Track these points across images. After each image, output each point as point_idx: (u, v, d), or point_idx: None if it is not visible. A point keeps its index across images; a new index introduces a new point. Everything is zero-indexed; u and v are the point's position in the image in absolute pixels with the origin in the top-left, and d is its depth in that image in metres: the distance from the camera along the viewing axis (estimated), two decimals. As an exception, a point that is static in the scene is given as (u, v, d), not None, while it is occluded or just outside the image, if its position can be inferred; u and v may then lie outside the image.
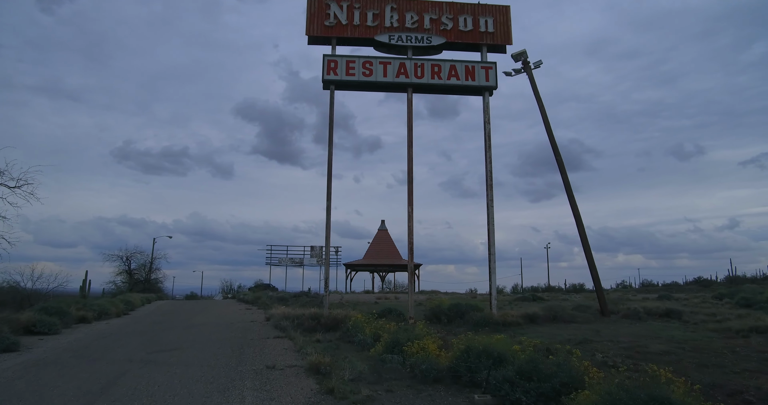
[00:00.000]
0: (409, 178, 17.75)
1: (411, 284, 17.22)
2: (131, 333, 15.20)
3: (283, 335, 13.48)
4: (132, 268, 47.05)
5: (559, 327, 15.60)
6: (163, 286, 63.69)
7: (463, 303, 16.91)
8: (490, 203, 17.80)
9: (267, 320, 17.67)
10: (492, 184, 17.98)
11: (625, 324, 16.02)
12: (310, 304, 23.38)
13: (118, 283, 45.07)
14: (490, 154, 18.18)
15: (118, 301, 25.11)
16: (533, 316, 16.35)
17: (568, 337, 13.23)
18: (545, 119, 19.51)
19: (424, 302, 28.09)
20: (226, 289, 67.22)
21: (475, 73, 18.41)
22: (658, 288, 55.63)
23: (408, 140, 18.05)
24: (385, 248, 49.36)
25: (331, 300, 27.26)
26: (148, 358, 10.34)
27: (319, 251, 65.17)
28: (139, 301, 29.68)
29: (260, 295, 30.91)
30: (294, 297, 28.03)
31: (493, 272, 17.40)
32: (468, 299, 20.24)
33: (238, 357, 10.37)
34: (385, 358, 9.17)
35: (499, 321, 15.46)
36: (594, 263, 18.12)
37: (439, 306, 17.11)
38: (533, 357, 6.89)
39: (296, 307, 20.80)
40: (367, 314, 15.15)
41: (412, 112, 18.25)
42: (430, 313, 16.94)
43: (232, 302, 35.14)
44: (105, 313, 21.37)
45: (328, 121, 18.07)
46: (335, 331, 14.09)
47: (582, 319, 16.78)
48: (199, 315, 21.87)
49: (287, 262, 62.80)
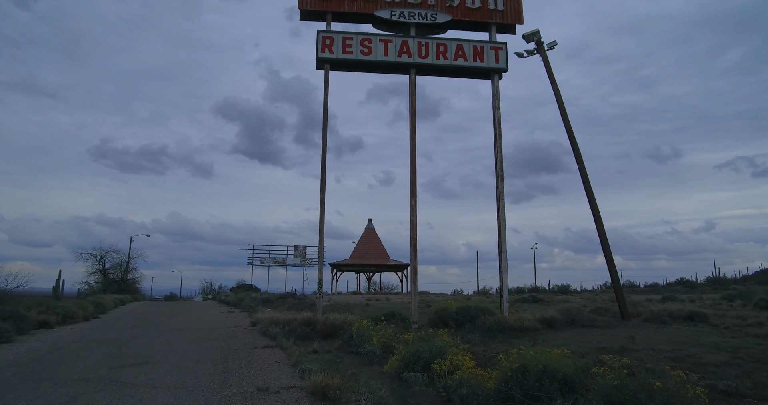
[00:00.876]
0: (412, 168, 15.90)
1: (414, 285, 15.36)
2: (96, 341, 13.05)
3: (273, 344, 11.49)
4: (106, 268, 44.27)
5: (581, 332, 13.90)
6: (140, 287, 60.86)
7: (472, 306, 15.10)
8: (501, 196, 16.05)
9: (252, 325, 15.63)
10: (502, 175, 16.23)
11: (651, 328, 14.40)
12: (298, 306, 21.35)
13: (92, 283, 42.24)
14: (500, 142, 16.43)
15: (87, 303, 22.75)
16: (550, 320, 14.63)
17: (601, 345, 11.53)
18: (561, 105, 17.84)
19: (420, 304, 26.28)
20: (207, 289, 64.54)
21: (484, 53, 16.65)
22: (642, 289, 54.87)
23: (411, 126, 16.20)
24: (372, 248, 47.43)
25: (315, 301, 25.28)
26: (110, 377, 8.28)
27: (303, 251, 62.96)
28: (111, 302, 27.27)
29: (243, 297, 28.74)
30: (279, 298, 25.96)
31: (505, 271, 15.65)
32: (477, 301, 18.43)
33: (221, 375, 8.37)
34: (407, 378, 7.29)
35: (515, 326, 13.71)
36: (614, 262, 16.50)
37: (445, 309, 15.27)
38: (624, 383, 5.07)
39: (284, 310, 18.80)
40: (368, 319, 13.26)
41: (415, 95, 16.41)
42: (435, 317, 15.09)
43: (212, 304, 32.87)
44: (71, 316, 19.07)
45: (323, 104, 16.15)
46: (333, 339, 12.16)
47: (602, 323, 15.12)
48: (177, 318, 19.69)
49: (270, 262, 60.44)
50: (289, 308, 20.68)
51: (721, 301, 23.04)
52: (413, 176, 15.80)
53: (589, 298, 30.58)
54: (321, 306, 14.82)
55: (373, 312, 18.45)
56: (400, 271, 48.07)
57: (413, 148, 15.98)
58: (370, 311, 18.87)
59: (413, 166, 15.86)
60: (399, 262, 47.47)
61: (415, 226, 15.53)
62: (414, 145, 16.02)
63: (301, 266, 61.28)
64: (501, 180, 16.16)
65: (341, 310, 16.79)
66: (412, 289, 15.34)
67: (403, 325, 13.62)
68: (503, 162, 16.33)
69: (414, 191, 15.70)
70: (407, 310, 20.14)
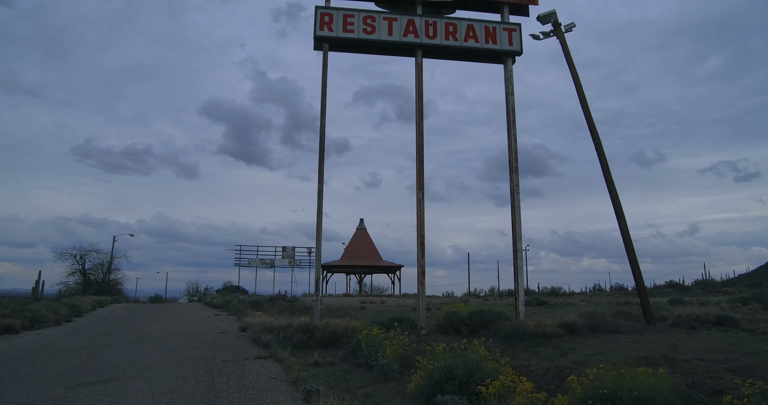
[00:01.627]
0: (419, 157, 14.36)
1: (421, 287, 13.78)
2: (61, 350, 11.28)
3: (267, 354, 9.85)
4: (87, 268, 42.01)
5: (608, 339, 12.46)
6: (123, 288, 58.56)
7: (486, 309, 13.57)
8: (516, 189, 14.57)
9: (242, 331, 13.94)
10: (517, 166, 14.75)
11: (682, 335, 13.01)
12: (290, 309, 19.67)
13: (70, 284, 40.01)
14: (514, 130, 14.96)
15: (60, 306, 20.84)
16: (572, 326, 13.18)
17: (641, 354, 10.10)
18: (579, 90, 16.44)
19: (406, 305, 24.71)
20: (192, 291, 62.40)
21: (496, 35, 15.19)
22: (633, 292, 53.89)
23: (417, 112, 14.67)
24: (363, 248, 45.75)
25: (308, 304, 23.57)
26: (64, 399, 6.60)
27: (291, 252, 61.08)
28: (88, 304, 25.30)
29: (230, 299, 26.93)
30: (269, 301, 24.23)
31: (520, 272, 14.15)
32: (490, 305, 16.85)
33: (204, 395, 6.73)
34: (442, 403, 5.72)
35: (536, 332, 12.23)
36: (638, 263, 15.08)
37: (456, 313, 13.73)
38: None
39: (275, 314, 17.12)
40: (371, 324, 11.66)
41: (422, 79, 14.88)
42: (445, 322, 13.55)
43: (197, 306, 31.00)
44: (41, 320, 17.22)
45: (321, 87, 14.55)
46: (335, 348, 10.55)
47: (628, 328, 13.70)
48: (158, 323, 17.90)
49: (257, 263, 58.53)
50: (281, 312, 18.99)
51: (734, 303, 21.81)
52: (420, 166, 14.26)
53: (593, 301, 29.26)
54: (319, 310, 13.18)
55: (372, 316, 16.86)
56: (393, 272, 46.48)
57: (420, 136, 14.45)
58: (368, 315, 17.28)
59: (420, 156, 14.32)
60: (391, 264, 45.89)
61: (423, 221, 13.99)
62: (421, 132, 14.49)
63: (290, 268, 59.52)
64: (515, 172, 14.68)
65: (339, 314, 15.17)
66: (419, 291, 13.77)
67: (411, 331, 12.03)
68: (517, 152, 14.84)
69: (421, 183, 14.17)
70: (410, 313, 18.55)
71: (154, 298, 61.47)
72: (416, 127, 14.56)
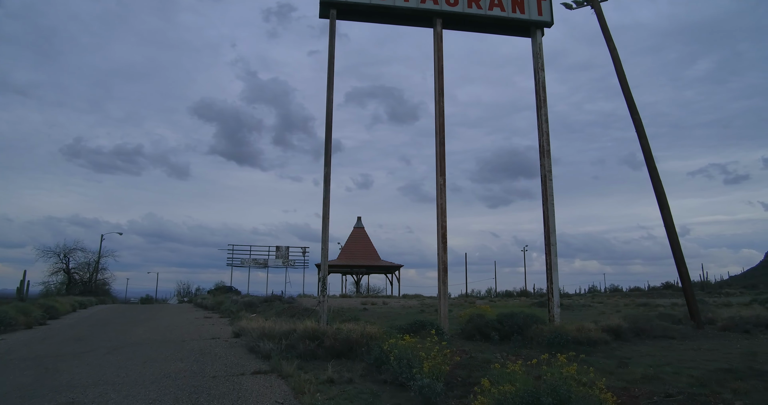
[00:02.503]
0: (440, 138, 12.53)
1: (443, 286, 11.91)
2: (19, 361, 9.30)
3: (268, 369, 7.94)
4: (71, 267, 39.69)
5: (661, 345, 10.70)
6: (111, 289, 56.20)
7: (518, 312, 11.75)
8: (548, 175, 12.79)
9: (235, 337, 12.01)
10: (549, 151, 12.97)
11: (740, 339, 11.30)
12: (288, 311, 17.75)
13: (52, 283, 37.71)
14: (545, 110, 13.18)
15: (35, 307, 18.76)
16: (617, 330, 11.41)
17: (718, 365, 8.33)
18: (618, 66, 14.73)
19: (426, 309, 22.85)
20: (183, 292, 60.16)
21: (524, 3, 13.42)
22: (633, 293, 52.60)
23: (437, 88, 12.85)
24: (361, 248, 43.82)
25: (307, 306, 21.64)
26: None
27: (285, 252, 58.99)
28: (68, 305, 23.17)
29: (222, 300, 24.91)
30: (264, 302, 22.25)
31: (554, 269, 12.36)
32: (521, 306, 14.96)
33: (187, 434, 4.82)
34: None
35: (580, 338, 10.44)
36: (684, 260, 13.32)
37: (482, 316, 11.90)
38: None
39: (273, 317, 15.21)
40: (391, 330, 9.82)
41: (442, 51, 13.07)
42: (470, 326, 11.71)
43: (187, 307, 28.92)
44: (9, 323, 15.17)
45: (328, 60, 12.68)
46: (349, 359, 8.68)
47: (677, 332, 11.95)
48: (141, 326, 15.90)
49: (250, 263, 56.41)
50: (279, 314, 17.07)
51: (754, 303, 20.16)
52: (441, 149, 12.43)
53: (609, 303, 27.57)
54: (325, 313, 11.28)
55: (379, 318, 15.02)
56: (392, 272, 44.56)
57: (440, 115, 12.62)
58: (373, 317, 15.41)
59: (440, 136, 12.49)
60: (390, 264, 43.99)
61: (444, 210, 12.15)
62: (441, 111, 12.66)
63: (284, 268, 57.46)
64: (547, 156, 12.90)
65: (347, 317, 13.28)
66: (440, 291, 11.91)
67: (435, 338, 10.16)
68: (549, 134, 13.05)
69: (442, 167, 12.34)
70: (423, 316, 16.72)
71: (145, 298, 59.13)
72: (436, 106, 12.75)
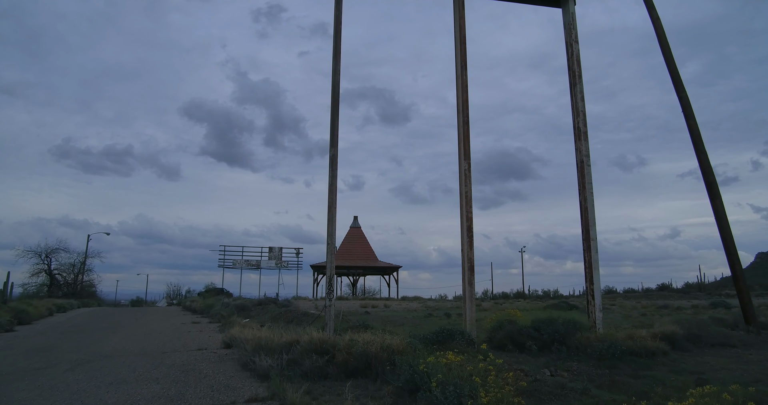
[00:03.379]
0: (463, 117, 10.78)
1: (469, 287, 10.11)
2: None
3: (267, 395, 6.11)
4: (53, 268, 37.45)
5: (727, 354, 9.04)
6: (97, 291, 53.92)
7: (555, 317, 10.00)
8: (585, 160, 11.07)
9: (226, 347, 10.16)
10: (586, 132, 11.28)
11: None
12: (285, 316, 15.92)
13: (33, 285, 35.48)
14: (580, 86, 11.51)
15: (2, 312, 16.78)
16: (671, 337, 9.71)
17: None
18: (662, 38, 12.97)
19: (433, 312, 21.10)
20: (172, 294, 57.99)
21: (556, -33, 11.73)
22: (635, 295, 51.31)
23: (459, 61, 11.11)
24: (358, 248, 41.96)
25: (305, 309, 19.78)
26: None
27: (278, 253, 56.99)
28: (44, 309, 21.16)
29: (212, 303, 22.97)
30: (258, 305, 20.38)
31: (595, 267, 10.64)
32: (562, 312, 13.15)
33: None
34: None
35: (633, 348, 8.74)
36: (738, 255, 11.66)
37: (513, 322, 10.14)
38: None
39: (267, 322, 13.42)
40: (415, 341, 8.07)
41: (464, 19, 11.34)
42: (501, 334, 9.93)
43: (176, 311, 26.96)
44: (-33, 331, 13.24)
45: (334, 25, 10.89)
46: (367, 378, 6.89)
47: (737, 339, 10.28)
48: (120, 333, 13.99)
49: (242, 264, 54.36)
50: (275, 319, 15.23)
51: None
52: (465, 128, 10.68)
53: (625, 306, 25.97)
54: (332, 320, 9.45)
55: (385, 324, 13.23)
56: (389, 274, 42.70)
57: (464, 90, 10.88)
58: (375, 321, 13.61)
59: (464, 115, 10.74)
60: (388, 264, 42.14)
61: (470, 200, 10.40)
62: (465, 85, 10.92)
63: (277, 269, 55.50)
64: (584, 138, 11.19)
65: (353, 323, 11.48)
66: (466, 292, 10.12)
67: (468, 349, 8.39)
68: (585, 115, 11.35)
69: (467, 150, 10.59)
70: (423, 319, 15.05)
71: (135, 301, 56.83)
72: (458, 81, 11.01)
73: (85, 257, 46.53)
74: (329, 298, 9.54)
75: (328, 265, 9.64)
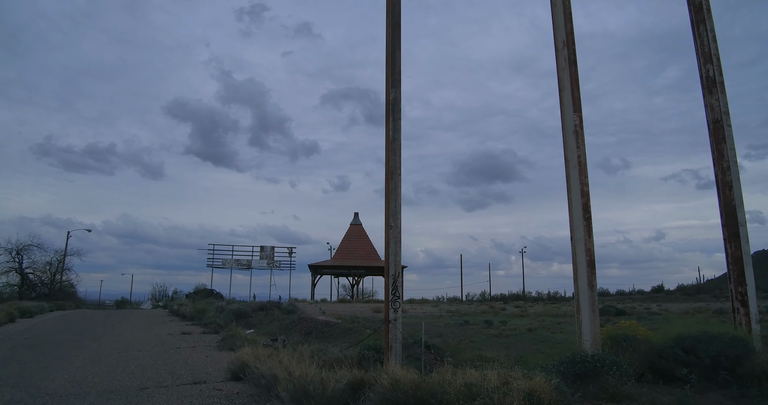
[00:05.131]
0: (569, 53, 7.60)
1: (590, 290, 6.90)
2: None
3: None
4: (24, 267, 33.48)
5: None
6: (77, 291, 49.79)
7: (714, 332, 6.86)
8: (724, 118, 8.01)
9: (235, 379, 6.83)
10: (722, 82, 8.19)
11: None
12: (298, 325, 12.63)
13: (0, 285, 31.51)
14: (710, 25, 8.42)
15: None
16: None
17: None
18: None
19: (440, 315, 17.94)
20: (158, 295, 54.06)
21: None
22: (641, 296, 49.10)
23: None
24: (359, 246, 38.61)
25: (309, 312, 16.56)
26: None
27: (270, 252, 53.44)
28: (2, 314, 17.49)
29: (205, 307, 19.49)
30: (260, 310, 17.00)
31: (747, 262, 7.54)
32: (709, 323, 9.89)
33: None
34: None
35: None
36: None
37: (645, 341, 6.99)
38: None
39: (279, 335, 10.17)
40: (550, 376, 4.83)
41: None
42: (639, 359, 6.74)
43: (162, 315, 23.39)
44: None
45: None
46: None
47: None
48: (86, 350, 10.55)
49: (233, 264, 50.69)
50: (286, 330, 11.93)
51: None
52: (572, 69, 7.52)
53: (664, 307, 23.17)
54: (399, 342, 6.19)
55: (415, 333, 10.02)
56: (392, 273, 39.42)
57: (567, 12, 7.71)
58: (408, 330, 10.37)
59: (570, 50, 7.58)
60: (392, 263, 38.92)
61: (585, 168, 7.23)
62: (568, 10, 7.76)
63: (269, 269, 51.96)
64: (720, 90, 8.11)
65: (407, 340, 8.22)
66: (581, 295, 6.92)
67: (619, 386, 5.21)
68: (720, 58, 8.27)
69: (577, 99, 7.43)
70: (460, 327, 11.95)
71: (120, 302, 52.77)
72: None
73: (64, 255, 42.53)
74: (394, 306, 6.30)
75: (391, 257, 6.43)
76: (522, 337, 11.58)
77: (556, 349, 8.16)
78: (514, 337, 11.18)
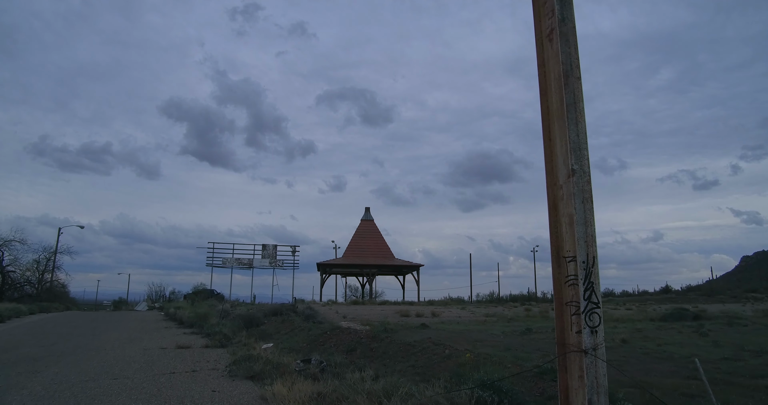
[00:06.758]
0: None
1: None
2: None
3: None
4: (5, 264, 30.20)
5: None
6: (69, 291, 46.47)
7: None
8: None
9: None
10: None
11: None
12: (333, 341, 9.51)
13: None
14: None
15: None
16: None
17: None
18: None
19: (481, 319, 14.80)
20: (155, 295, 50.71)
21: None
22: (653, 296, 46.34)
23: None
24: (371, 243, 35.47)
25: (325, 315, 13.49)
26: None
27: (273, 251, 50.24)
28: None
29: (206, 311, 16.29)
30: (274, 315, 13.88)
31: None
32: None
33: None
34: None
35: None
36: None
37: None
38: None
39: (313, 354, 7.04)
40: None
41: None
42: None
43: (156, 318, 20.21)
44: None
45: None
46: None
47: None
48: (45, 374, 7.41)
49: (233, 263, 47.51)
50: (316, 344, 8.80)
51: None
52: None
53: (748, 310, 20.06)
54: (604, 392, 3.10)
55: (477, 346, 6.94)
56: (408, 273, 36.22)
57: None
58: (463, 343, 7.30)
59: None
60: (407, 263, 35.69)
61: None
62: None
63: (271, 269, 48.81)
64: None
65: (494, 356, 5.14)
66: None
67: None
68: None
69: None
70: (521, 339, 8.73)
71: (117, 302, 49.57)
72: None
73: (54, 252, 39.27)
74: (590, 323, 3.18)
75: (578, 228, 3.35)
76: (628, 352, 8.46)
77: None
78: (619, 352, 8.06)
